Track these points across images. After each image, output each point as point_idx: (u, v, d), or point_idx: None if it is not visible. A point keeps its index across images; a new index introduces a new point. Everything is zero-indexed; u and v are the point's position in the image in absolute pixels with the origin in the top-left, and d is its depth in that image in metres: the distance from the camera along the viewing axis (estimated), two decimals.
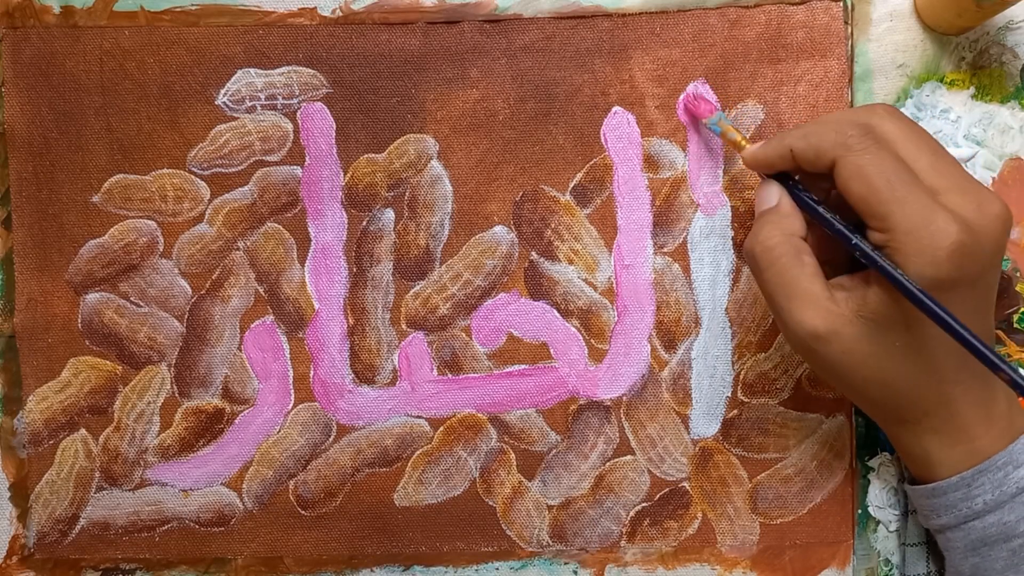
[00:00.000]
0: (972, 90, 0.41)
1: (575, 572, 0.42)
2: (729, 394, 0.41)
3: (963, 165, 0.41)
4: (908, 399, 0.33)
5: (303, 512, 0.42)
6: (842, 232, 0.33)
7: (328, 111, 0.41)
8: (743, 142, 0.37)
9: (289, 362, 0.42)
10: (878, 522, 0.41)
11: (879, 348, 0.32)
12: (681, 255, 0.41)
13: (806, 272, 0.33)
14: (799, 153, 0.33)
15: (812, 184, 0.35)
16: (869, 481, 0.41)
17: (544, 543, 0.42)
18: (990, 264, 0.32)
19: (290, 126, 0.41)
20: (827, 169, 0.33)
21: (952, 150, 0.41)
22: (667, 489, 0.42)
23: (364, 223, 0.42)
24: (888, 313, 0.32)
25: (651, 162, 0.41)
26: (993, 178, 0.41)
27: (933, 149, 0.33)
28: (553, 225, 0.41)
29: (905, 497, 0.41)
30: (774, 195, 0.35)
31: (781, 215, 0.34)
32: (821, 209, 0.34)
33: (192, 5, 0.41)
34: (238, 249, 0.42)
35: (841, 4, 0.41)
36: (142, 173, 0.41)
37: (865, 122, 0.33)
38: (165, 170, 0.41)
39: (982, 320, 0.33)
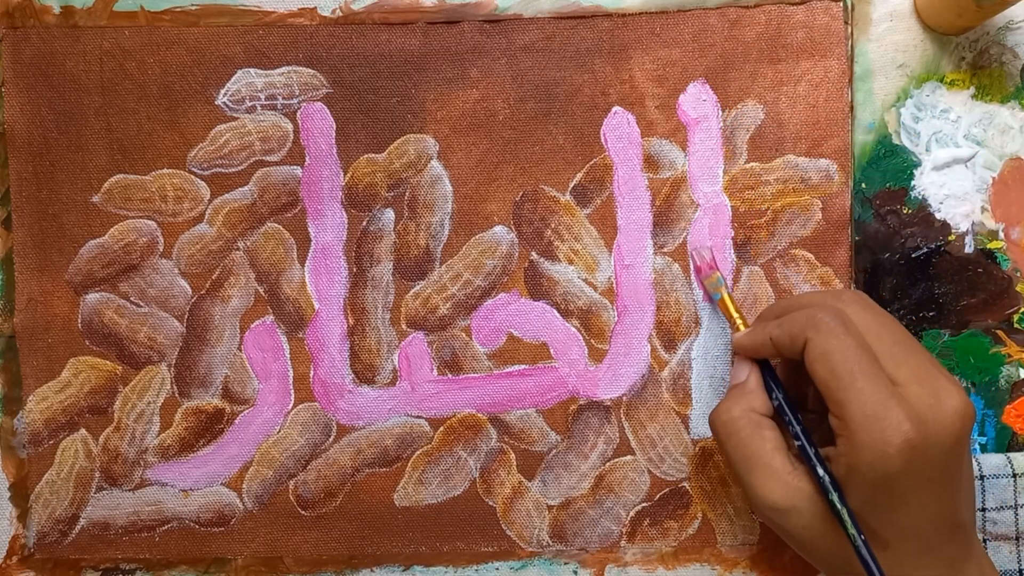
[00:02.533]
0: (972, 90, 0.41)
1: (575, 572, 0.42)
2: None
3: (963, 165, 0.41)
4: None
5: (303, 512, 0.42)
6: (790, 425, 0.34)
7: (328, 111, 0.41)
8: (739, 322, 0.38)
9: (289, 362, 0.42)
10: None
11: (837, 527, 0.32)
12: (681, 255, 0.41)
13: (766, 446, 0.33)
14: (776, 340, 0.34)
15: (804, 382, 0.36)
16: None
17: (544, 543, 0.42)
18: (948, 459, 0.32)
19: (290, 126, 0.41)
20: (800, 354, 0.33)
21: (952, 150, 0.41)
22: (667, 489, 0.42)
23: (364, 223, 0.42)
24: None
25: (651, 162, 0.41)
26: (993, 178, 0.41)
27: (898, 338, 0.33)
28: (553, 225, 0.41)
29: None
30: (743, 372, 0.36)
31: (745, 391, 0.35)
32: (780, 397, 0.35)
33: (192, 5, 0.41)
34: (238, 249, 0.42)
35: (841, 4, 0.41)
36: (142, 173, 0.41)
37: (835, 306, 0.33)
38: (165, 170, 0.41)
39: (949, 513, 0.32)
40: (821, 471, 0.32)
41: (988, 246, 0.41)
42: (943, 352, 0.41)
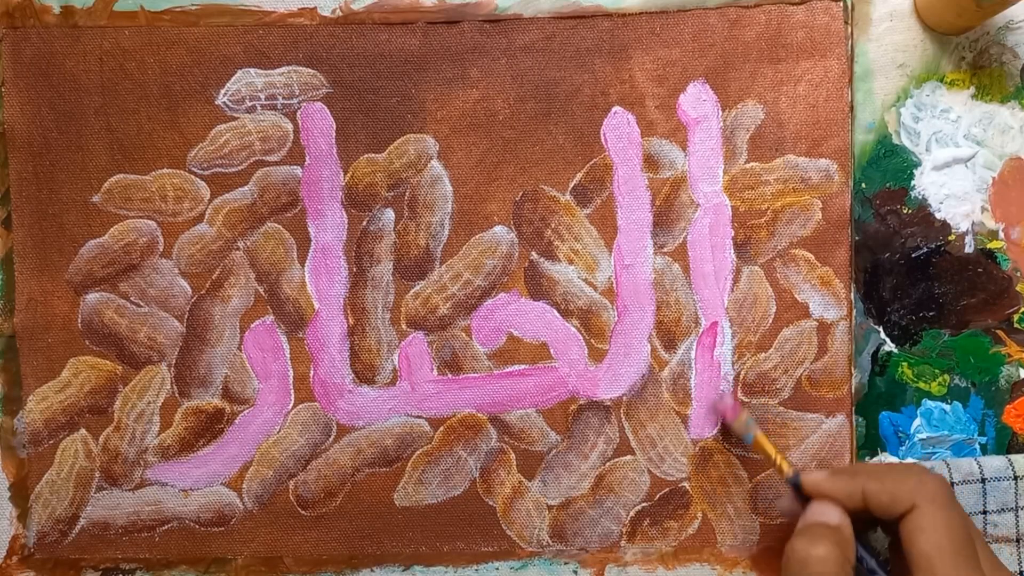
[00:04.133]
0: (972, 90, 0.41)
1: (575, 572, 0.42)
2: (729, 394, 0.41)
3: (963, 165, 0.41)
4: None
5: (303, 512, 0.42)
6: None
7: (328, 111, 0.41)
8: (778, 458, 0.37)
9: (289, 362, 0.42)
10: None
11: None
12: (681, 255, 0.41)
13: None
14: (872, 495, 0.34)
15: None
16: None
17: (544, 543, 0.42)
18: None
19: (290, 126, 0.41)
20: (897, 516, 0.33)
21: (952, 150, 0.41)
22: (667, 489, 0.42)
23: (364, 223, 0.42)
24: None
25: (651, 162, 0.41)
26: (993, 178, 0.41)
27: (972, 528, 0.34)
28: (553, 225, 0.42)
29: None
30: (835, 515, 0.35)
31: (843, 538, 0.34)
32: (875, 563, 0.34)
33: (192, 5, 0.41)
34: (238, 249, 0.42)
35: (841, 4, 0.41)
36: (142, 173, 0.41)
37: (941, 477, 0.33)
38: (165, 170, 0.41)
39: None
40: None
41: (988, 246, 0.41)
42: (943, 352, 0.41)
